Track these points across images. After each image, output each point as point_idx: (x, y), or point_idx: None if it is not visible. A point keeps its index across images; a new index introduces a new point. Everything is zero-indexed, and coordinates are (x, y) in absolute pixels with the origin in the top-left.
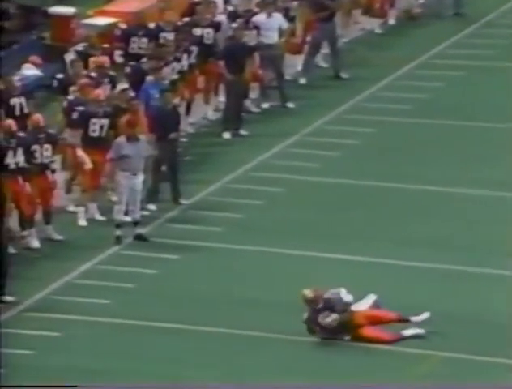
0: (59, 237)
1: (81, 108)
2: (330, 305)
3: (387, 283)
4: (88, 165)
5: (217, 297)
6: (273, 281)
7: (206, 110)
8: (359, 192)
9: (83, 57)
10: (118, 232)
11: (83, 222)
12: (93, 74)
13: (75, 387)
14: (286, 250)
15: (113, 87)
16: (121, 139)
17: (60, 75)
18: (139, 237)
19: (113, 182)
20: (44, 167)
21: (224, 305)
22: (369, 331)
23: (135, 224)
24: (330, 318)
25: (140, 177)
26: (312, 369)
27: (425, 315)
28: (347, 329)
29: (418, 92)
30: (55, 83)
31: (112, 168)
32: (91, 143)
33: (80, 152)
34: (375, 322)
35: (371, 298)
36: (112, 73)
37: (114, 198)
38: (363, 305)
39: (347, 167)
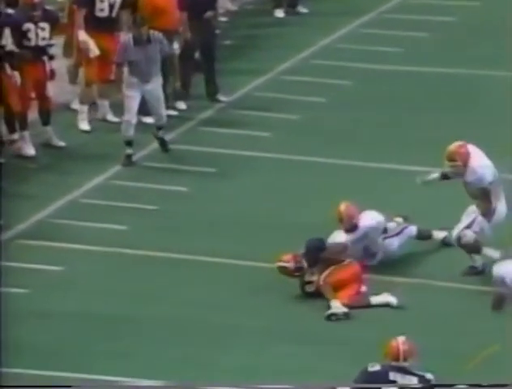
0: (61, 143)
1: None
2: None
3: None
4: (94, 52)
5: (265, 222)
6: (334, 201)
7: None
8: (453, 83)
9: None
10: (129, 151)
11: (84, 125)
12: None
13: (70, 387)
14: (353, 161)
15: None
16: (127, 40)
17: None
18: (161, 143)
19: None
20: (41, 51)
21: (273, 232)
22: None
23: (158, 128)
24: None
25: (155, 82)
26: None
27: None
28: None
29: None
30: None
31: (119, 71)
32: (97, 25)
33: (83, 36)
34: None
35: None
36: None
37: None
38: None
39: (438, 51)
